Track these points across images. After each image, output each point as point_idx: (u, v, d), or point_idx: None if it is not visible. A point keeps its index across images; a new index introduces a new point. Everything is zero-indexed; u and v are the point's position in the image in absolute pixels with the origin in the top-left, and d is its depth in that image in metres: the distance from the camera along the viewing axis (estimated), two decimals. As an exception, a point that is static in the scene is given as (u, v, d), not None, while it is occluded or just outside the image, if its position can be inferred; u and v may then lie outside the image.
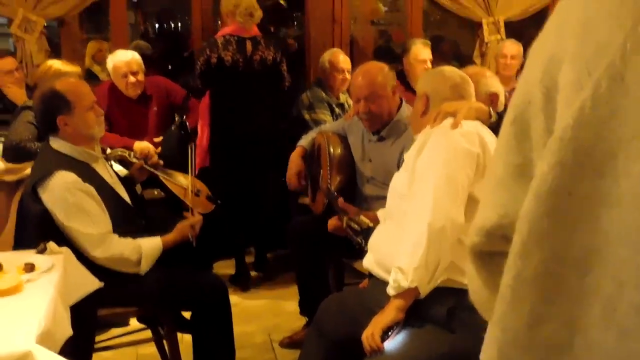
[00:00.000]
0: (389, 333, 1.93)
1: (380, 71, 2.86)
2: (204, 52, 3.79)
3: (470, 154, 1.97)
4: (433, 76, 2.34)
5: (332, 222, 2.70)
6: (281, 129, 4.16)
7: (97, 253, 2.39)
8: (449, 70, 2.33)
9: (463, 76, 2.29)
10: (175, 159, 3.42)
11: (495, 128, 2.18)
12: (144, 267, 2.47)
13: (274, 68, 3.90)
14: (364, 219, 2.34)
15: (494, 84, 2.66)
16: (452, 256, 1.92)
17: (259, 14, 3.86)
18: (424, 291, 1.90)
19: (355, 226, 2.32)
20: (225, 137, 3.91)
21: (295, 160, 3.24)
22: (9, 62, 4.05)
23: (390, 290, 1.92)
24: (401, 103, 2.93)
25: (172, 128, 3.94)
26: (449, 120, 2.07)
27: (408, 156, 2.14)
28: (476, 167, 1.97)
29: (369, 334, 1.92)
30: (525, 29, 6.17)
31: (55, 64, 3.58)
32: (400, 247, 1.94)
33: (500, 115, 2.24)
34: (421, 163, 2.02)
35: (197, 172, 3.58)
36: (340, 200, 2.60)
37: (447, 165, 1.94)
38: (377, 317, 1.94)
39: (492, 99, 2.61)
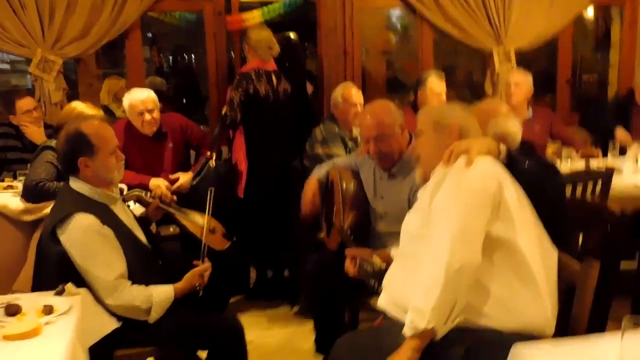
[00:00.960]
0: None
1: (387, 111, 2.87)
2: (242, 84, 4.12)
3: (487, 193, 1.96)
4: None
5: (350, 269, 2.61)
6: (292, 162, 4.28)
7: (109, 300, 2.40)
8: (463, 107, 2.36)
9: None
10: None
11: (506, 165, 2.17)
12: (154, 316, 2.46)
13: (292, 98, 4.32)
14: (376, 260, 2.34)
15: (506, 125, 2.60)
16: (468, 297, 1.92)
17: (276, 47, 4.25)
18: (441, 332, 1.89)
19: (368, 268, 2.31)
20: (260, 163, 4.23)
21: (310, 187, 3.21)
22: (27, 102, 4.13)
23: (407, 331, 1.92)
24: (411, 139, 2.94)
25: (209, 166, 4.07)
26: (462, 159, 2.06)
27: (422, 196, 2.14)
28: (492, 205, 1.97)
29: None
30: (536, 59, 6.21)
31: (79, 106, 3.64)
32: (417, 288, 1.94)
33: (511, 155, 2.22)
34: (437, 204, 2.02)
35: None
36: (349, 251, 2.56)
37: (464, 206, 1.94)
38: (392, 358, 1.94)
39: (501, 140, 2.47)
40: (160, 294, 2.48)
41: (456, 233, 1.90)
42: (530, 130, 4.44)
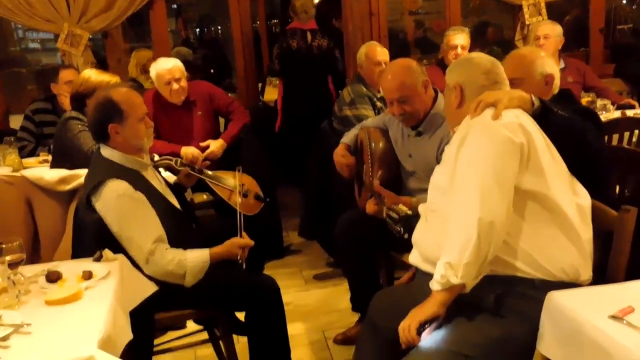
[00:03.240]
0: (426, 326, 1.92)
1: (407, 70, 2.80)
2: (279, 41, 5.18)
3: (514, 145, 1.91)
4: (463, 66, 2.24)
5: (370, 206, 2.77)
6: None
7: (144, 266, 2.43)
8: (478, 56, 2.25)
9: (493, 60, 2.22)
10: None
11: (538, 116, 2.12)
12: (189, 281, 2.48)
13: (329, 53, 5.18)
14: (402, 207, 2.33)
15: (550, 65, 2.53)
16: (500, 249, 1.89)
17: (312, 11, 5.18)
18: (470, 286, 1.87)
19: (394, 215, 2.31)
20: (294, 105, 5.23)
21: (340, 152, 3.18)
22: (70, 73, 4.16)
23: (436, 285, 1.89)
24: (436, 95, 2.88)
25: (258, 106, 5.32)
26: (489, 111, 2.01)
27: (448, 150, 2.10)
28: (520, 157, 1.91)
29: (406, 326, 1.91)
30: (568, 9, 6.03)
31: (93, 74, 3.59)
32: (447, 242, 1.91)
33: (544, 103, 2.18)
34: (463, 156, 1.97)
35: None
36: (376, 183, 2.58)
37: (492, 158, 1.89)
38: (416, 310, 1.93)
39: (547, 80, 2.50)
40: (195, 259, 2.49)
41: (485, 187, 1.86)
42: (563, 81, 4.30)
